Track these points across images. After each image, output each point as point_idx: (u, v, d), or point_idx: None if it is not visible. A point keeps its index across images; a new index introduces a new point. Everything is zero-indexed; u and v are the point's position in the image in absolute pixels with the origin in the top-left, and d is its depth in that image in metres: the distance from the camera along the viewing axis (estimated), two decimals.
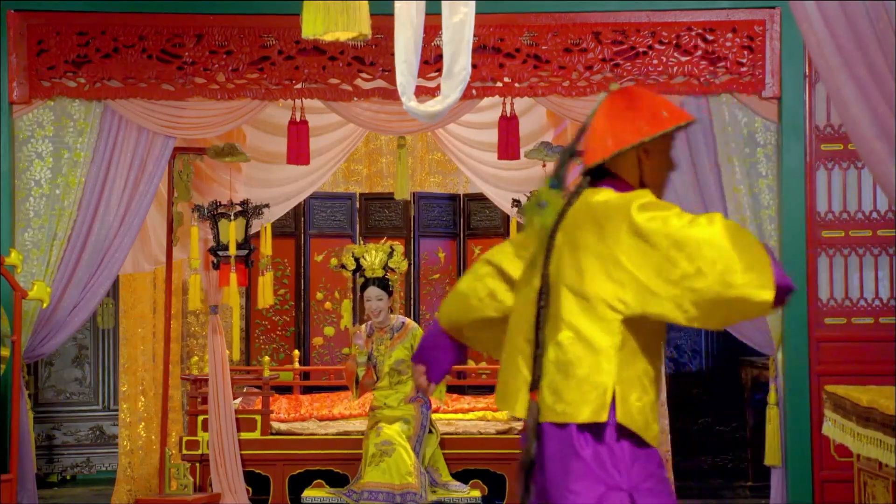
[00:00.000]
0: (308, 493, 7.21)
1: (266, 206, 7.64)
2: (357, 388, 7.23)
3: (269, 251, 7.91)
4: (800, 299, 6.69)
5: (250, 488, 7.61)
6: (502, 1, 6.75)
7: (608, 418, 3.14)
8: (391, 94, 6.52)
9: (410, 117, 5.51)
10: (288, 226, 9.23)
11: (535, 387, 3.18)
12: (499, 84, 6.85)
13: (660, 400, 8.02)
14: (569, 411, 3.15)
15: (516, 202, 7.60)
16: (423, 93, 6.30)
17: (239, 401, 7.98)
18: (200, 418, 7.63)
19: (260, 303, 8.06)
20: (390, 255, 7.16)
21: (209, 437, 7.52)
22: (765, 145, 6.76)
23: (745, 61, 6.73)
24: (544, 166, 7.57)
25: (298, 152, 7.14)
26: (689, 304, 3.09)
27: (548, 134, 7.84)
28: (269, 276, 7.95)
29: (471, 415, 7.96)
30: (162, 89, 6.80)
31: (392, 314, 7.23)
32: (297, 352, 8.92)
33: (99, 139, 6.79)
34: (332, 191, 9.52)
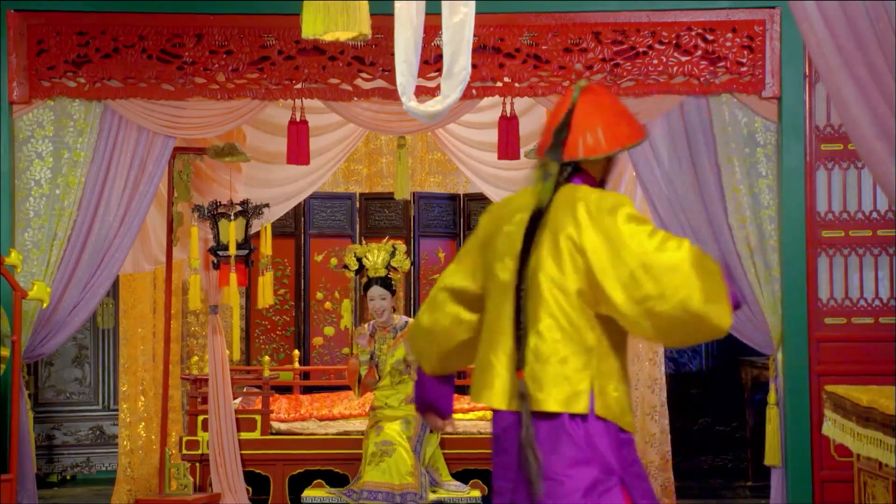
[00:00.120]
0: (308, 493, 7.21)
1: (266, 206, 7.64)
2: (359, 387, 7.23)
3: (269, 251, 7.90)
4: (800, 299, 6.70)
5: (250, 488, 7.61)
6: (502, 1, 6.75)
7: (589, 408, 3.24)
8: (391, 94, 6.52)
9: (410, 117, 5.51)
10: (288, 226, 9.23)
11: (521, 366, 3.25)
12: (499, 84, 6.85)
13: (660, 400, 8.10)
14: (548, 399, 3.23)
15: None
16: (423, 93, 6.30)
17: (239, 401, 7.98)
18: (200, 418, 7.63)
19: (260, 303, 8.06)
20: (393, 254, 7.16)
21: (209, 437, 7.53)
22: (765, 145, 6.76)
23: (745, 61, 6.73)
24: None
25: (298, 152, 7.14)
26: (647, 323, 3.21)
27: None
28: (269, 276, 7.95)
29: (471, 415, 7.96)
30: (162, 89, 6.80)
31: (395, 314, 7.23)
32: (297, 352, 8.92)
33: (99, 139, 6.79)
34: (332, 191, 9.52)
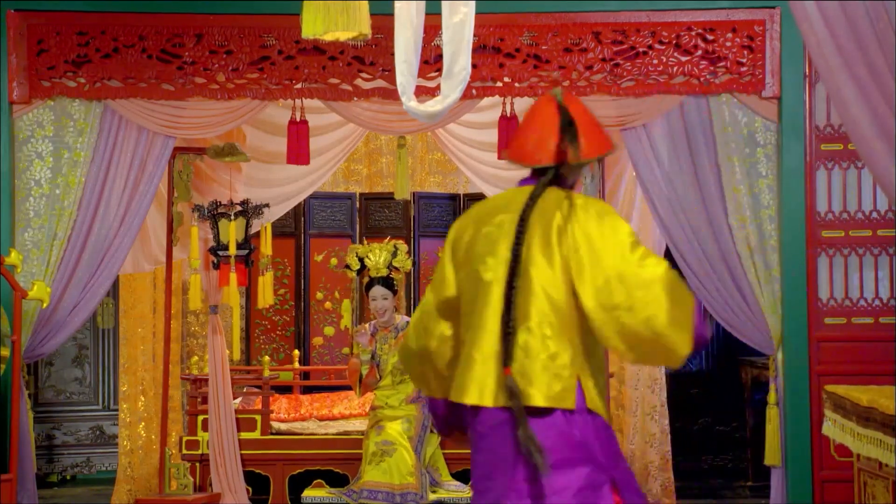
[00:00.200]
0: (308, 493, 7.20)
1: (266, 206, 7.64)
2: (360, 386, 7.23)
3: (269, 251, 7.90)
4: (800, 299, 6.70)
5: (250, 488, 7.61)
6: (502, 1, 6.75)
7: (577, 403, 3.30)
8: (391, 94, 6.52)
9: (410, 117, 5.51)
10: (288, 226, 9.23)
11: (507, 363, 3.27)
12: (499, 84, 6.85)
13: (660, 400, 8.11)
14: (537, 395, 3.27)
15: None
16: (423, 93, 6.30)
17: (239, 401, 7.98)
18: (200, 418, 7.63)
19: (260, 303, 8.06)
20: (394, 254, 7.15)
21: (209, 436, 7.53)
22: (765, 145, 6.76)
23: (745, 61, 6.73)
24: None
25: (298, 152, 7.14)
26: (612, 331, 3.28)
27: None
28: (269, 275, 7.95)
29: None
30: (162, 89, 6.80)
31: (396, 314, 7.23)
32: (297, 352, 8.92)
33: (99, 139, 6.79)
34: (332, 191, 9.52)
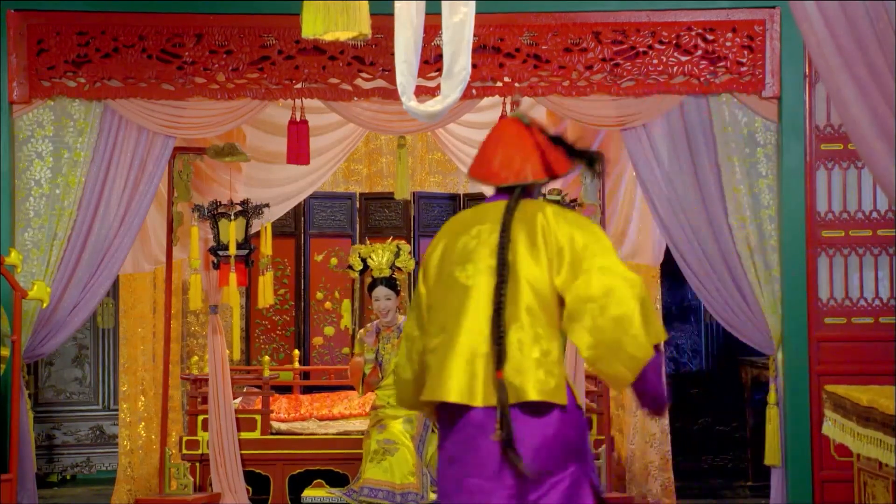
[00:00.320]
0: (308, 493, 7.21)
1: (266, 206, 7.64)
2: (363, 385, 7.23)
3: (270, 251, 7.90)
4: (800, 299, 6.70)
5: (250, 488, 7.61)
6: (502, 1, 6.75)
7: (568, 401, 3.46)
8: (391, 94, 6.52)
9: (410, 117, 5.50)
10: (288, 226, 9.23)
11: (500, 365, 3.40)
12: (499, 84, 6.85)
13: None
14: (532, 391, 3.39)
15: None
16: (423, 93, 6.30)
17: (239, 400, 7.98)
18: (200, 418, 7.63)
19: (260, 302, 8.06)
20: (397, 254, 7.15)
21: (209, 436, 7.53)
22: (765, 145, 6.76)
23: (745, 61, 6.73)
24: None
25: (298, 152, 7.14)
26: (583, 325, 3.43)
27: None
28: (270, 275, 7.95)
29: None
30: (162, 89, 6.80)
31: (399, 314, 7.23)
32: (297, 351, 8.92)
33: (99, 139, 6.79)
34: (332, 191, 9.52)
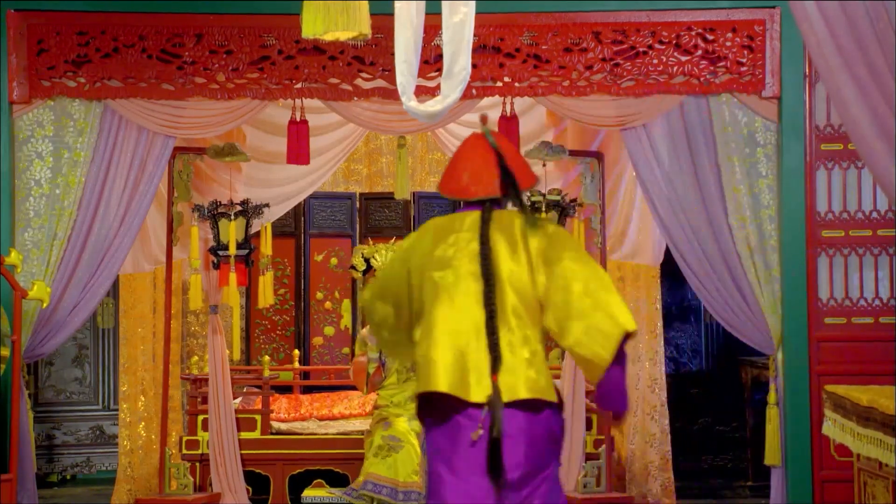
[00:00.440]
0: (308, 493, 7.21)
1: (266, 206, 7.64)
2: (367, 385, 7.23)
3: (270, 251, 7.90)
4: (800, 299, 6.70)
5: (250, 488, 7.61)
6: (502, 1, 6.74)
7: (557, 398, 3.66)
8: (391, 94, 6.52)
9: (410, 117, 5.50)
10: (288, 225, 9.23)
11: (495, 371, 3.56)
12: (499, 84, 6.85)
13: (660, 400, 8.11)
14: (523, 389, 3.56)
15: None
16: (423, 93, 6.30)
17: (239, 400, 7.98)
18: (200, 418, 7.63)
19: (260, 302, 8.06)
20: None
21: (209, 436, 7.53)
22: (765, 145, 6.76)
23: (745, 61, 6.73)
24: (544, 166, 7.57)
25: (298, 152, 7.14)
26: (560, 310, 3.65)
27: (548, 133, 7.84)
28: (270, 275, 7.95)
29: None
30: (162, 89, 6.79)
31: None
32: (297, 351, 8.92)
33: (99, 139, 6.78)
34: (332, 190, 9.52)
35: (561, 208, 7.46)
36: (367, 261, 7.17)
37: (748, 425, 8.60)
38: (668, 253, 7.35)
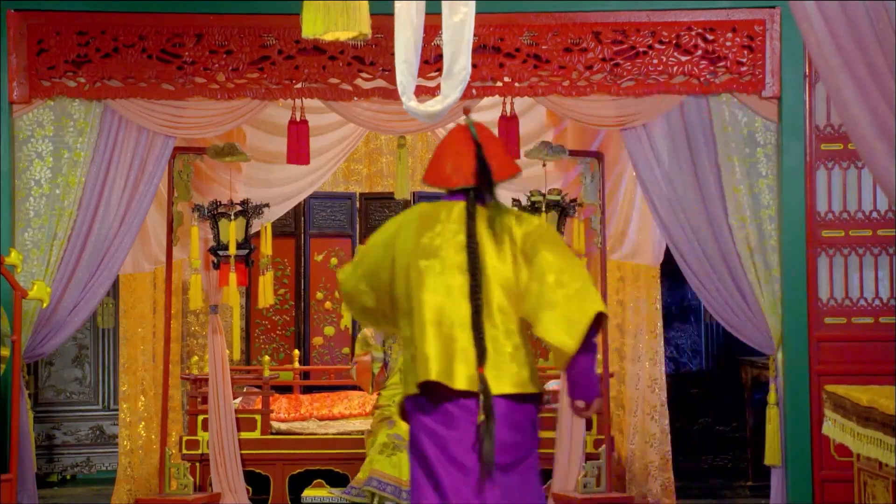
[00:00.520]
0: (308, 493, 7.21)
1: (266, 206, 7.64)
2: (372, 384, 7.23)
3: (270, 251, 7.91)
4: (800, 299, 6.70)
5: (250, 488, 7.61)
6: (502, 1, 6.75)
7: (539, 389, 3.78)
8: (391, 94, 6.52)
9: (410, 117, 5.50)
10: (288, 225, 9.23)
11: (481, 362, 3.67)
12: (499, 84, 6.85)
13: (660, 400, 8.12)
14: (507, 383, 3.68)
15: (516, 201, 7.61)
16: (423, 93, 6.30)
17: (239, 400, 7.98)
18: (200, 418, 7.63)
19: (260, 302, 8.07)
20: None
21: (209, 436, 7.53)
22: (765, 145, 6.76)
23: (745, 61, 6.73)
24: (544, 166, 7.57)
25: (298, 152, 7.14)
26: (537, 297, 3.74)
27: (548, 133, 7.84)
28: (270, 275, 7.95)
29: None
30: (162, 89, 6.80)
31: None
32: (297, 351, 8.92)
33: (99, 139, 6.79)
34: (332, 190, 9.52)
35: (561, 208, 7.46)
36: None
37: (748, 425, 8.60)
38: (668, 253, 7.35)
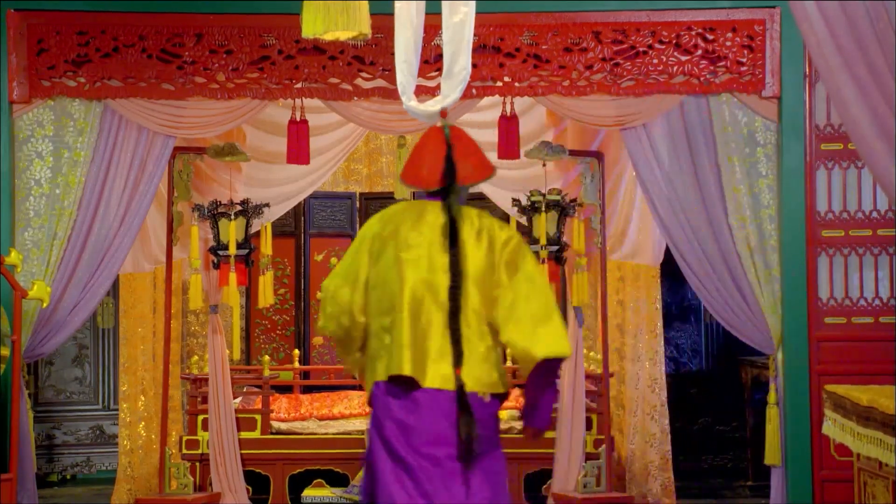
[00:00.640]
0: (308, 493, 7.21)
1: (266, 206, 7.64)
2: None
3: (270, 251, 7.91)
4: (800, 299, 6.70)
5: (250, 488, 7.61)
6: (502, 1, 6.75)
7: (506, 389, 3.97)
8: (391, 94, 6.53)
9: (410, 117, 5.48)
10: (288, 225, 9.24)
11: (458, 364, 3.84)
12: (499, 84, 6.85)
13: (660, 400, 8.12)
14: (477, 383, 3.86)
15: (516, 201, 7.61)
16: (423, 92, 6.30)
17: (239, 400, 7.98)
18: (200, 418, 7.64)
19: (260, 302, 8.07)
20: None
21: (209, 436, 7.53)
22: (765, 145, 6.76)
23: (745, 61, 6.73)
24: (544, 165, 7.57)
25: (298, 152, 7.14)
26: (508, 301, 3.93)
27: (548, 133, 7.84)
28: (270, 275, 7.96)
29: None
30: (162, 89, 6.80)
31: None
32: (297, 351, 8.92)
33: (99, 139, 6.79)
34: (332, 190, 9.53)
35: (561, 208, 7.45)
36: None
37: (748, 425, 8.60)
38: (668, 253, 7.35)
